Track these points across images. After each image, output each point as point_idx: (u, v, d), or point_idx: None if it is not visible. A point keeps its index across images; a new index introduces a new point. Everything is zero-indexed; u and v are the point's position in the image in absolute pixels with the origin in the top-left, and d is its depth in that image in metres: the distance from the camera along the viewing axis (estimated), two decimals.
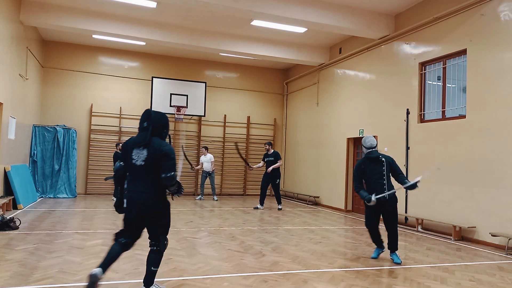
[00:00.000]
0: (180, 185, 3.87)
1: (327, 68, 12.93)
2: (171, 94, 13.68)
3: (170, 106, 13.64)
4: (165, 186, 3.78)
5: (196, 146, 14.75)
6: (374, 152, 5.64)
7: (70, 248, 5.74)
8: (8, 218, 6.99)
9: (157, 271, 3.88)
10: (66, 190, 12.48)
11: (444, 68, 8.56)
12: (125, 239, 3.83)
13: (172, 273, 4.70)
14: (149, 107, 13.74)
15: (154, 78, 13.60)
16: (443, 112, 8.51)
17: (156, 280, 3.95)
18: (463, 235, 7.66)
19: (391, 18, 10.02)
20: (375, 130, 10.37)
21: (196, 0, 8.55)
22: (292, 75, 15.57)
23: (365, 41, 10.83)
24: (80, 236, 6.64)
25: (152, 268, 3.82)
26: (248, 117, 15.58)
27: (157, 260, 3.85)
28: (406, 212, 9.13)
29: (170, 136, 4.13)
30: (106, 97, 13.84)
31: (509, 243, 6.61)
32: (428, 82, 9.02)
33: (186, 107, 13.76)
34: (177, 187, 3.85)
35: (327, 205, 12.42)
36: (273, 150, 11.45)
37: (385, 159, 5.68)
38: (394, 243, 5.69)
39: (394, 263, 5.58)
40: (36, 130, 12.31)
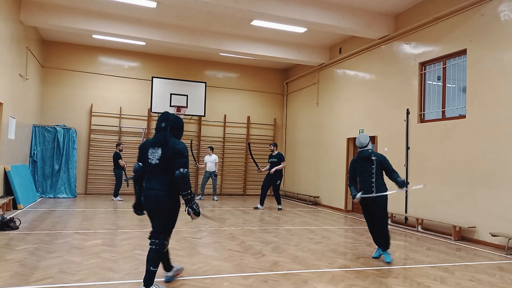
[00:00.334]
0: (195, 203, 3.97)
1: (327, 68, 12.93)
2: (171, 94, 13.68)
3: (170, 106, 13.64)
4: (179, 188, 3.88)
5: (196, 146, 14.74)
6: (365, 152, 5.72)
7: (70, 248, 5.74)
8: (8, 218, 6.99)
9: (156, 271, 3.89)
10: (66, 190, 12.48)
11: (444, 68, 8.56)
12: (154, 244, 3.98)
13: None
14: (149, 107, 13.78)
15: (154, 78, 13.60)
16: (443, 112, 8.51)
17: (156, 280, 3.95)
18: (463, 235, 7.66)
19: (391, 18, 10.02)
20: (375, 130, 10.37)
21: (196, 0, 8.55)
22: (292, 75, 15.57)
23: (365, 41, 10.83)
24: (80, 236, 6.64)
25: (151, 268, 3.85)
26: (248, 117, 15.58)
27: (156, 260, 3.88)
28: (406, 212, 9.13)
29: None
30: (106, 97, 13.84)
31: (509, 243, 6.61)
32: (428, 82, 9.02)
33: (186, 107, 13.76)
34: (191, 196, 3.92)
35: (327, 205, 12.42)
36: (277, 152, 11.45)
37: (376, 158, 5.69)
38: (384, 242, 5.68)
39: (385, 262, 5.57)
40: (36, 130, 12.31)
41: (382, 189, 5.64)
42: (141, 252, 5.60)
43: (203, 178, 13.30)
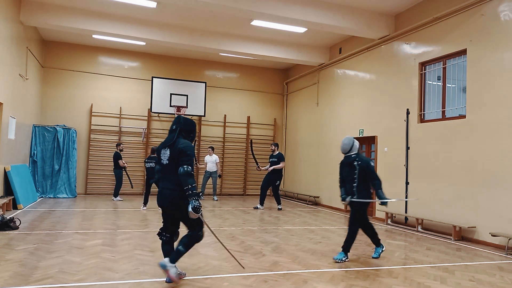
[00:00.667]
0: (196, 199, 4.07)
1: (327, 68, 12.93)
2: (171, 94, 13.69)
3: (170, 106, 13.65)
4: (183, 184, 4.02)
5: (196, 146, 14.74)
6: (348, 158, 5.76)
7: (70, 248, 5.74)
8: (8, 218, 6.99)
9: (183, 253, 4.21)
10: (66, 190, 12.48)
11: (444, 68, 8.56)
12: (164, 236, 4.35)
13: None
14: (149, 107, 13.79)
15: (154, 78, 13.61)
16: (443, 112, 8.51)
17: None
18: (463, 235, 7.66)
19: (391, 18, 10.02)
20: (375, 130, 10.37)
21: (196, 0, 8.55)
22: (292, 75, 15.57)
23: (365, 41, 10.83)
24: (80, 236, 6.64)
25: (180, 248, 4.18)
26: (248, 117, 15.58)
27: (186, 243, 4.22)
28: (406, 212, 9.13)
29: (196, 140, 4.38)
30: (106, 97, 13.84)
31: (509, 243, 6.61)
32: (428, 82, 9.02)
33: (186, 107, 13.76)
34: (191, 192, 4.01)
35: (327, 205, 12.42)
36: (278, 152, 11.47)
37: (359, 163, 5.65)
38: (346, 242, 5.65)
39: (333, 259, 5.56)
40: (36, 130, 12.30)
41: (363, 194, 5.64)
42: (141, 252, 5.60)
43: (203, 178, 13.29)
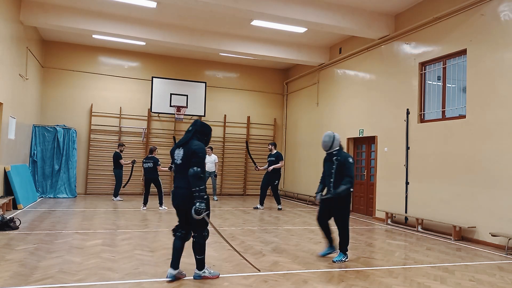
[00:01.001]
0: (201, 202, 4.11)
1: (327, 68, 12.93)
2: (171, 94, 13.69)
3: (170, 106, 13.65)
4: (191, 185, 4.10)
5: None
6: (330, 154, 5.82)
7: (70, 248, 5.74)
8: (8, 218, 6.99)
9: (203, 258, 4.36)
10: (66, 190, 12.48)
11: (444, 68, 8.56)
12: (180, 232, 4.38)
13: None
14: (149, 107, 13.79)
15: (154, 78, 13.61)
16: (443, 112, 8.51)
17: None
18: (463, 235, 7.66)
19: (391, 18, 10.02)
20: (375, 130, 10.37)
21: (196, 0, 8.55)
22: (292, 75, 15.57)
23: (365, 41, 10.83)
24: (80, 236, 6.64)
25: (197, 257, 4.34)
26: (248, 117, 15.58)
27: (198, 250, 4.32)
28: (406, 212, 9.13)
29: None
30: (106, 97, 13.83)
31: (509, 243, 6.61)
32: (428, 82, 9.02)
33: (186, 107, 13.76)
34: (199, 194, 4.09)
35: None
36: (276, 151, 11.46)
37: (338, 158, 5.66)
38: (341, 243, 5.61)
39: (332, 261, 5.49)
40: (36, 130, 12.30)
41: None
42: (141, 252, 5.60)
43: None
